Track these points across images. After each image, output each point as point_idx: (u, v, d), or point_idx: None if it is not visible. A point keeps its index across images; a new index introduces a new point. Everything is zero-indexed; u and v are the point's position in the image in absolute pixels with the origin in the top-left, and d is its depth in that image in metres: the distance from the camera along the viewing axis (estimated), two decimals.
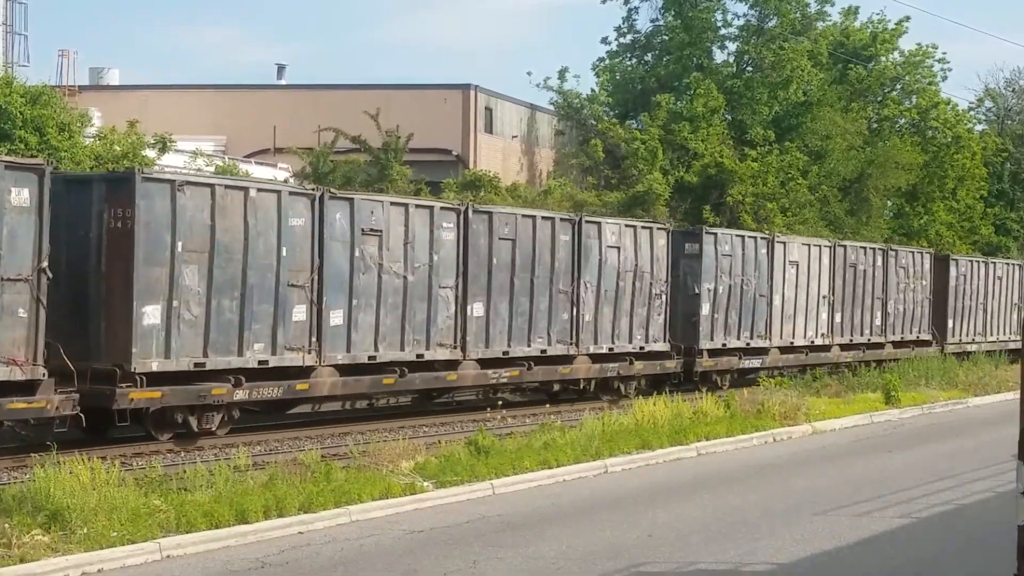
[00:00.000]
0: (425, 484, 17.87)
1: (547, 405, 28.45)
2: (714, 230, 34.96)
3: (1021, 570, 10.87)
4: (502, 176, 46.43)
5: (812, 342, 37.37)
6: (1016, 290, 50.21)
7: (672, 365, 31.93)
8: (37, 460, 15.81)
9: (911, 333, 42.77)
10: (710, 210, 47.20)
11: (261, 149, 47.99)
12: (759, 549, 14.81)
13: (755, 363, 35.48)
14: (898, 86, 60.80)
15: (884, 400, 31.72)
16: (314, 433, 22.89)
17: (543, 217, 28.82)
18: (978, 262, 48.02)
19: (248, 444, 20.72)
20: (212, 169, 36.62)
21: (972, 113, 66.69)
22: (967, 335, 46.47)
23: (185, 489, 15.77)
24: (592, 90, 52.73)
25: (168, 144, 35.02)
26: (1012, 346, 48.04)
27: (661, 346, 31.73)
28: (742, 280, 34.29)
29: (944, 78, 60.97)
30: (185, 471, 16.49)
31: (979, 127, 67.21)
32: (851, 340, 39.42)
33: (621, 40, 54.35)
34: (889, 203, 57.74)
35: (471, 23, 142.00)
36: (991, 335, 48.26)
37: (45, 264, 18.58)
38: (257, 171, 41.31)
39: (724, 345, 33.75)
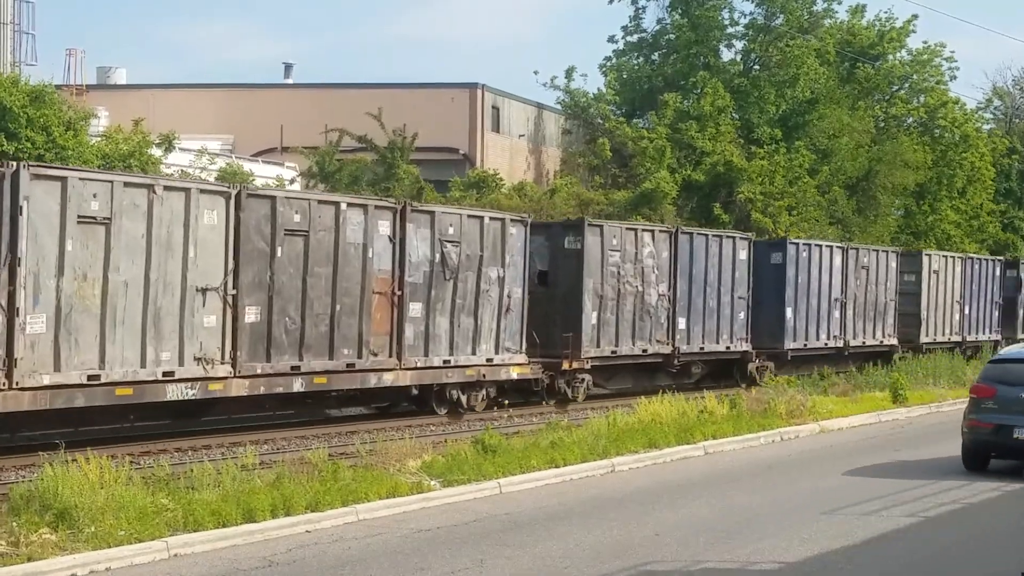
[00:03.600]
0: (432, 483, 17.87)
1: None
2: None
3: None
4: (509, 175, 46.45)
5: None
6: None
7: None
8: (45, 459, 15.81)
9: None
10: (720, 208, 47.18)
11: (268, 148, 48.06)
12: (766, 548, 14.80)
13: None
14: (906, 85, 60.73)
15: (892, 399, 31.68)
16: (321, 432, 22.90)
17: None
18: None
19: (255, 443, 20.73)
20: (216, 168, 36.67)
21: (980, 112, 66.62)
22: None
23: (192, 488, 15.78)
24: (599, 89, 52.73)
25: (173, 143, 35.07)
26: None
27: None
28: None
29: (953, 77, 60.93)
30: (192, 470, 16.49)
31: (987, 126, 67.14)
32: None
33: (628, 39, 54.37)
34: (896, 201, 57.64)
35: (478, 22, 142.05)
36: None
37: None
38: (263, 170, 41.38)
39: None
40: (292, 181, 40.67)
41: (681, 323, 32.45)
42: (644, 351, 31.40)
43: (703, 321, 33.14)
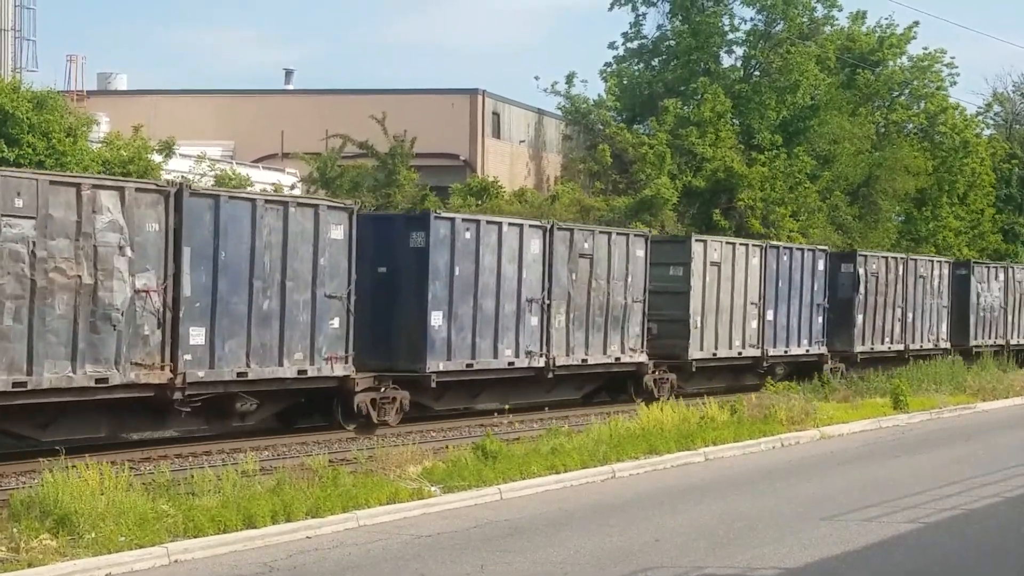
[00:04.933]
0: (433, 489, 17.87)
1: (545, 410, 27.46)
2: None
3: None
4: (509, 181, 46.45)
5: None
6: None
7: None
8: (45, 465, 15.81)
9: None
10: (720, 214, 47.20)
11: (269, 154, 48.07)
12: (767, 554, 14.80)
13: None
14: (906, 91, 60.76)
15: (892, 405, 31.66)
16: (321, 438, 22.88)
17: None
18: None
19: (256, 449, 20.73)
20: (215, 173, 36.67)
21: (980, 118, 66.66)
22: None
23: (193, 494, 15.77)
24: (599, 95, 52.75)
25: (173, 149, 35.09)
26: None
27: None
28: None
29: (953, 83, 60.97)
30: (192, 476, 16.49)
31: (987, 132, 67.18)
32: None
33: (628, 45, 54.37)
34: (897, 207, 57.65)
35: (478, 27, 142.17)
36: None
37: None
38: (264, 176, 41.40)
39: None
40: (292, 187, 40.67)
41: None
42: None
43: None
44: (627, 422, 23.99)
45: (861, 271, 38.68)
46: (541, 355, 27.28)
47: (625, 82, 53.54)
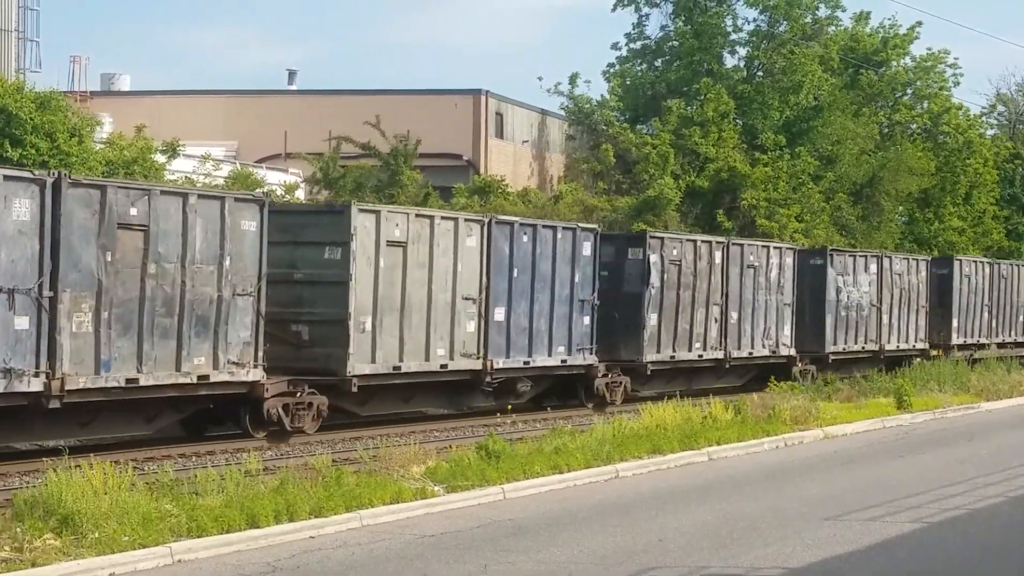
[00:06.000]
0: (436, 488, 17.87)
1: (547, 410, 28.32)
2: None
3: None
4: (513, 181, 46.46)
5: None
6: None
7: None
8: (49, 464, 15.82)
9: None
10: (723, 215, 47.19)
11: (272, 154, 48.09)
12: (770, 554, 14.79)
13: None
14: (909, 91, 60.74)
15: (896, 405, 31.65)
16: (325, 438, 22.89)
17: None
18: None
19: (259, 449, 20.73)
20: (221, 173, 36.70)
21: (984, 119, 66.64)
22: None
23: (196, 493, 15.78)
24: (603, 95, 52.81)
25: (177, 150, 35.11)
26: None
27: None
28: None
29: (956, 83, 60.97)
30: (196, 475, 16.50)
31: (991, 132, 67.15)
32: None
33: (631, 46, 54.43)
34: (900, 208, 57.63)
35: (481, 27, 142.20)
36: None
37: None
38: (267, 176, 41.40)
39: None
40: (296, 187, 40.69)
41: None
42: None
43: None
44: (631, 422, 23.98)
45: (654, 258, 30.47)
46: None
47: (628, 82, 53.57)
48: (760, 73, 53.89)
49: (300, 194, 39.97)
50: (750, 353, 34.09)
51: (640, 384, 31.09)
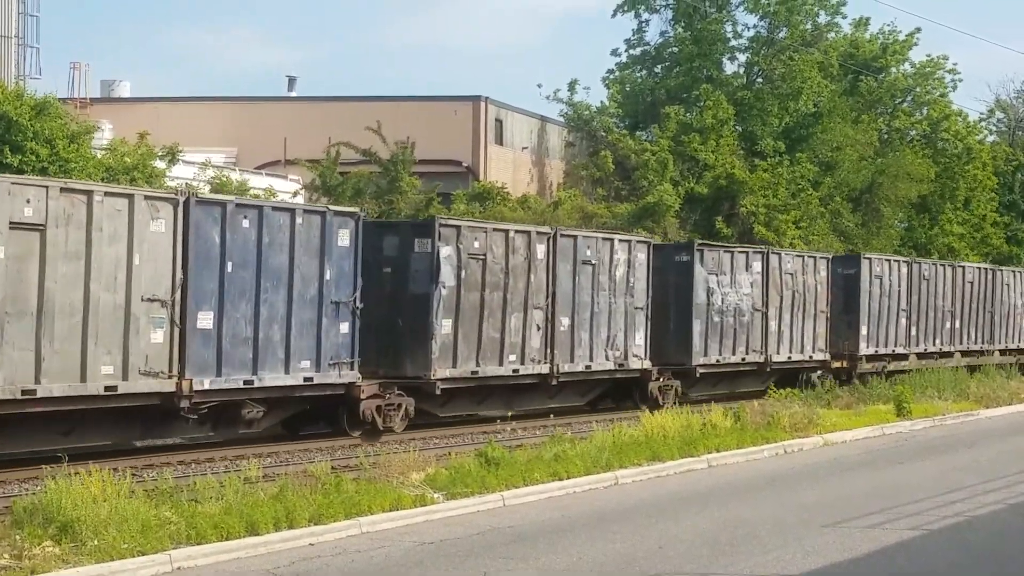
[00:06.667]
0: (435, 496, 17.87)
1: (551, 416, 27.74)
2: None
3: None
4: (512, 188, 46.48)
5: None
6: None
7: None
8: (48, 471, 15.81)
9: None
10: (722, 221, 47.20)
11: (272, 161, 48.10)
12: (769, 561, 14.78)
13: None
14: (909, 97, 60.80)
15: (896, 412, 31.66)
16: (324, 445, 22.89)
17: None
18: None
19: (258, 456, 20.73)
20: (218, 181, 36.66)
21: (983, 124, 66.71)
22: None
23: (195, 501, 15.78)
24: (602, 102, 52.86)
25: (177, 156, 35.11)
26: None
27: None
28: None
29: (954, 88, 61.04)
30: (195, 483, 16.50)
31: (990, 138, 67.22)
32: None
33: (631, 52, 54.51)
34: (900, 214, 57.67)
35: (481, 27, 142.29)
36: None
37: None
38: (267, 183, 41.41)
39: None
40: (295, 194, 40.70)
41: None
42: None
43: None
44: (630, 429, 23.97)
45: (447, 251, 24.95)
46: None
47: (628, 89, 53.65)
48: (759, 79, 53.96)
49: (300, 200, 39.95)
50: (587, 367, 28.57)
51: (436, 406, 25.94)
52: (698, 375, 32.22)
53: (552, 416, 27.38)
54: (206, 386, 20.79)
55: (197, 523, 14.78)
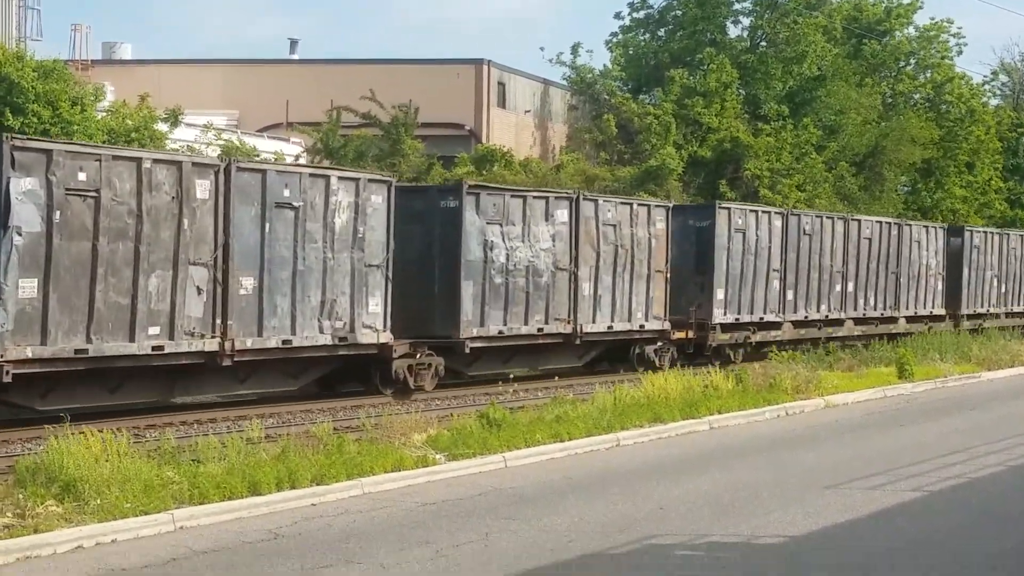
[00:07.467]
0: (437, 457, 17.90)
1: (555, 379, 27.22)
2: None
3: None
4: (515, 151, 46.41)
5: None
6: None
7: None
8: (51, 431, 15.84)
9: None
10: (726, 184, 47.12)
11: (273, 124, 48.02)
12: (771, 522, 14.81)
13: None
14: (912, 61, 60.60)
15: (897, 374, 31.68)
16: (326, 406, 22.92)
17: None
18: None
19: (261, 416, 20.75)
20: (221, 143, 36.62)
21: (987, 87, 66.53)
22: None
23: (198, 461, 15.81)
24: (605, 65, 52.69)
25: (179, 118, 35.06)
26: None
27: None
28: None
29: (959, 52, 60.88)
30: (198, 443, 16.53)
31: (994, 101, 67.07)
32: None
33: (635, 15, 54.30)
34: (903, 178, 57.57)
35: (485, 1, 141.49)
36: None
37: None
38: (269, 145, 41.36)
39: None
40: (298, 157, 40.65)
41: None
42: None
43: None
44: (632, 390, 23.99)
45: (28, 183, 18.30)
46: None
47: (631, 52, 53.47)
48: (763, 43, 53.78)
49: (303, 162, 39.90)
50: (284, 342, 22.06)
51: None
52: (468, 350, 25.92)
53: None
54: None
55: (199, 483, 14.81)
